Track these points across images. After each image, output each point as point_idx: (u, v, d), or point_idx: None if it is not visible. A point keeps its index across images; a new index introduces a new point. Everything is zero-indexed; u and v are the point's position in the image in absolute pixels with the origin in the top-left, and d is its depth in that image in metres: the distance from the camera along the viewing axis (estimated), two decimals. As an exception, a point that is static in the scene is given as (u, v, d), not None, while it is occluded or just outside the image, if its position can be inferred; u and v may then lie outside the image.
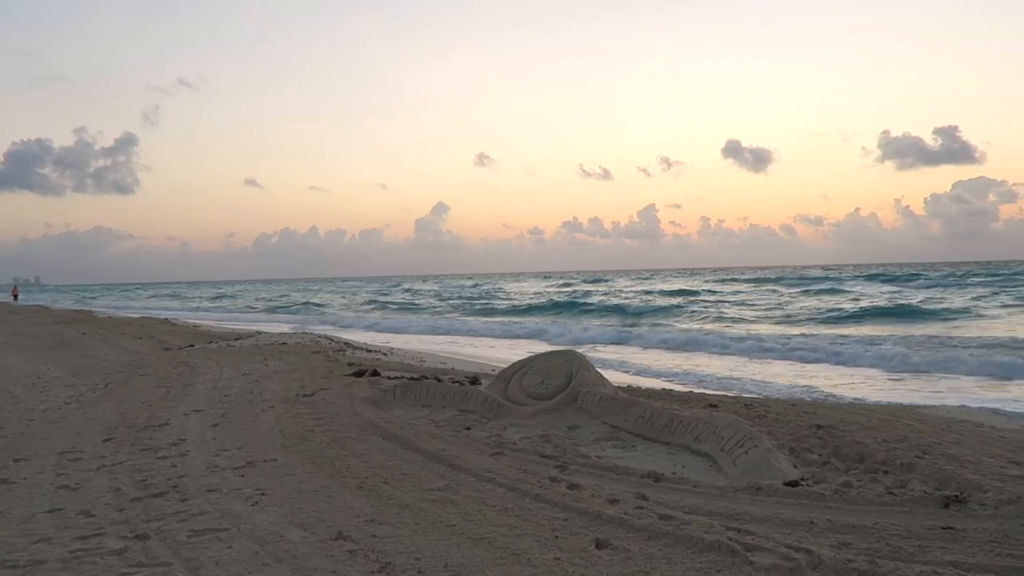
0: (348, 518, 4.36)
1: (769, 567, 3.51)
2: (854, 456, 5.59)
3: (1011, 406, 9.37)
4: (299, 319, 39.62)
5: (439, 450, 5.91)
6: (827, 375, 14.06)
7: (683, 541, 3.83)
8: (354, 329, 31.40)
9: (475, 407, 7.81)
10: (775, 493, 4.73)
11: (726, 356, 17.94)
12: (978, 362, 14.13)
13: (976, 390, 11.53)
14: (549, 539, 3.96)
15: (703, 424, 6.19)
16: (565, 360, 8.15)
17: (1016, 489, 4.56)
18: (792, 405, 8.08)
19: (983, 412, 8.50)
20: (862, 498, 4.62)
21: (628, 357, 17.67)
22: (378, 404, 8.11)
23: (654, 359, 17.39)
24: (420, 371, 11.73)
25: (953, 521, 4.17)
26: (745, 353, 18.07)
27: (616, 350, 19.98)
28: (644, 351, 19.81)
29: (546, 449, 6.04)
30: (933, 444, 5.79)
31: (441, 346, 21.95)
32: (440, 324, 32.42)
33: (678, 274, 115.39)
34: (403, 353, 16.96)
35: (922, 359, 14.92)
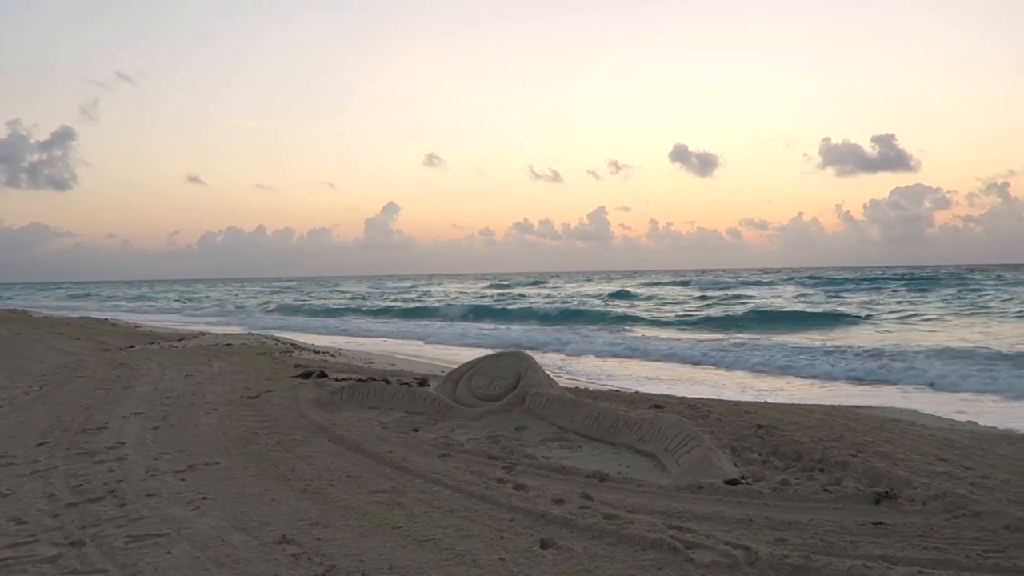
0: (292, 521, 4.32)
1: (709, 564, 3.60)
2: (792, 455, 5.75)
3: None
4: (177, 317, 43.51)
5: (386, 452, 5.90)
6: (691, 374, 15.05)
7: (626, 540, 3.90)
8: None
9: (423, 409, 7.80)
10: (716, 491, 4.85)
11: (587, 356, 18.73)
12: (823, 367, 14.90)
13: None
14: (494, 539, 3.99)
15: (648, 424, 6.29)
16: (513, 361, 8.20)
17: (942, 485, 4.75)
18: (734, 405, 8.27)
19: (914, 412, 8.82)
20: (799, 495, 4.76)
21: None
22: (325, 406, 8.04)
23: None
24: (368, 372, 11.66)
25: (884, 516, 4.33)
26: (618, 355, 18.77)
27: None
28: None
29: (493, 450, 6.07)
30: (867, 443, 5.99)
31: (391, 348, 21.82)
32: (312, 323, 34.46)
33: (625, 276, 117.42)
34: (351, 355, 16.82)
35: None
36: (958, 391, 11.89)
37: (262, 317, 40.75)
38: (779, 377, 14.36)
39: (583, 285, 72.17)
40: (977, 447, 6.08)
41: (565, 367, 15.92)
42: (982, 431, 7.28)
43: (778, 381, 13.76)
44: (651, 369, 15.83)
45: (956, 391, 11.90)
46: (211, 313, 46.40)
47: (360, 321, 36.89)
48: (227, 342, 17.19)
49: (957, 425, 7.80)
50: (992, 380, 12.28)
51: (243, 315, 43.64)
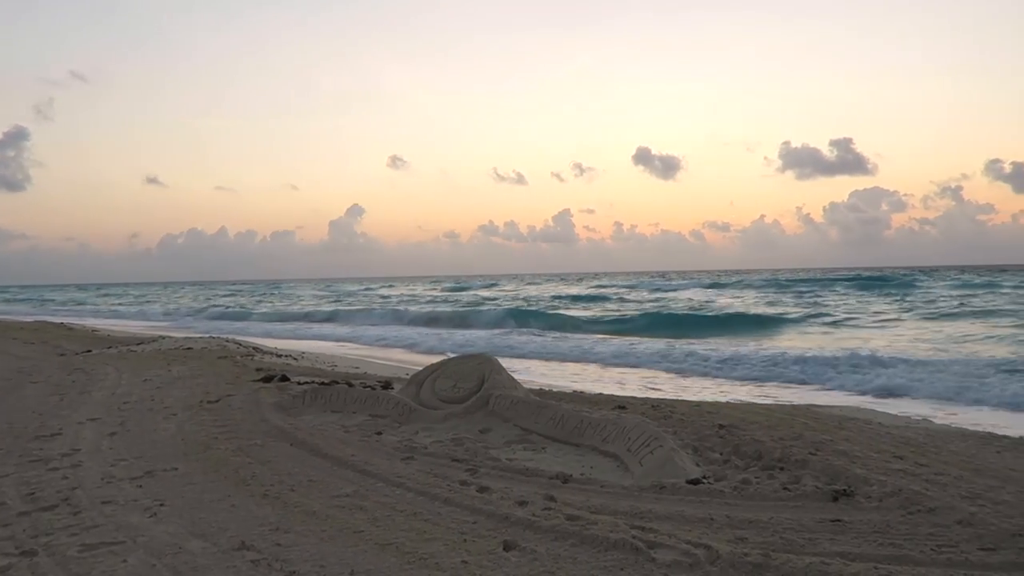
0: (252, 527, 4.26)
1: (670, 563, 3.62)
2: (753, 454, 5.82)
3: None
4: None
5: (348, 456, 5.84)
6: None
7: (589, 541, 3.91)
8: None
9: (386, 411, 7.75)
10: (678, 491, 4.88)
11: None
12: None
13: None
14: (457, 542, 3.97)
15: (611, 425, 6.32)
16: (477, 364, 8.18)
17: (898, 482, 4.85)
18: (696, 406, 8.35)
19: (872, 411, 8.99)
20: (759, 494, 4.82)
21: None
22: (286, 410, 7.94)
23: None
24: (331, 376, 11.55)
25: (841, 514, 4.40)
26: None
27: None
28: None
29: (457, 452, 6.05)
30: (825, 441, 6.08)
31: (356, 351, 21.65)
32: (273, 327, 34.18)
33: (590, 277, 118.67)
34: (314, 358, 16.64)
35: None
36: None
37: (216, 321, 39.98)
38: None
39: (531, 287, 73.50)
40: (931, 444, 6.21)
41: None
42: (937, 429, 7.45)
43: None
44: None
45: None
46: (166, 317, 45.24)
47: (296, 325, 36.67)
48: (187, 346, 16.90)
49: (913, 423, 7.97)
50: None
51: (190, 319, 42.81)
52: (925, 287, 47.22)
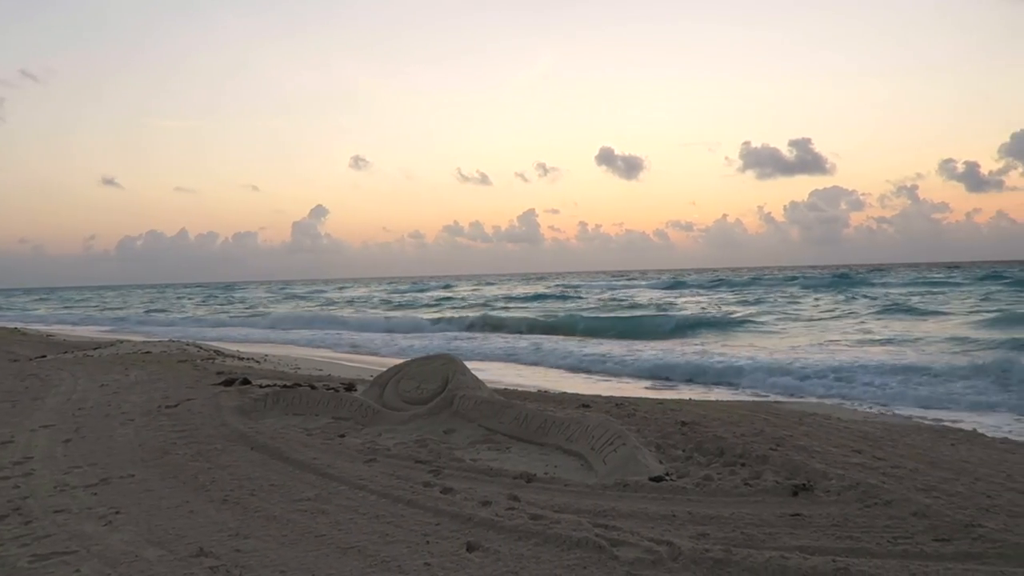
0: (211, 533, 4.18)
1: (633, 561, 3.63)
2: (715, 450, 5.88)
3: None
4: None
5: (310, 459, 5.77)
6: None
7: (552, 540, 3.91)
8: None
9: (350, 414, 7.68)
10: (641, 489, 4.91)
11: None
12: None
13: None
14: (420, 544, 3.94)
15: (575, 424, 6.33)
16: (441, 364, 8.15)
17: (856, 476, 4.93)
18: (659, 403, 8.41)
19: (831, 406, 9.14)
20: (721, 490, 4.86)
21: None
22: (248, 413, 7.82)
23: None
24: (294, 378, 11.41)
25: (801, 508, 4.46)
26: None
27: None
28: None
29: (421, 454, 6.02)
30: (786, 436, 6.16)
31: (322, 353, 21.44)
32: (233, 331, 34.25)
33: (552, 276, 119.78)
34: (277, 360, 16.44)
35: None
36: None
37: (175, 324, 39.20)
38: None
39: (489, 287, 74.01)
40: (888, 438, 6.33)
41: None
42: (894, 422, 7.60)
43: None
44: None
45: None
46: (127, 321, 44.26)
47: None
48: (146, 350, 16.59)
49: (871, 417, 8.12)
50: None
51: (149, 322, 41.95)
52: (882, 285, 48.39)
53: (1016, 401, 9.99)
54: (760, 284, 55.19)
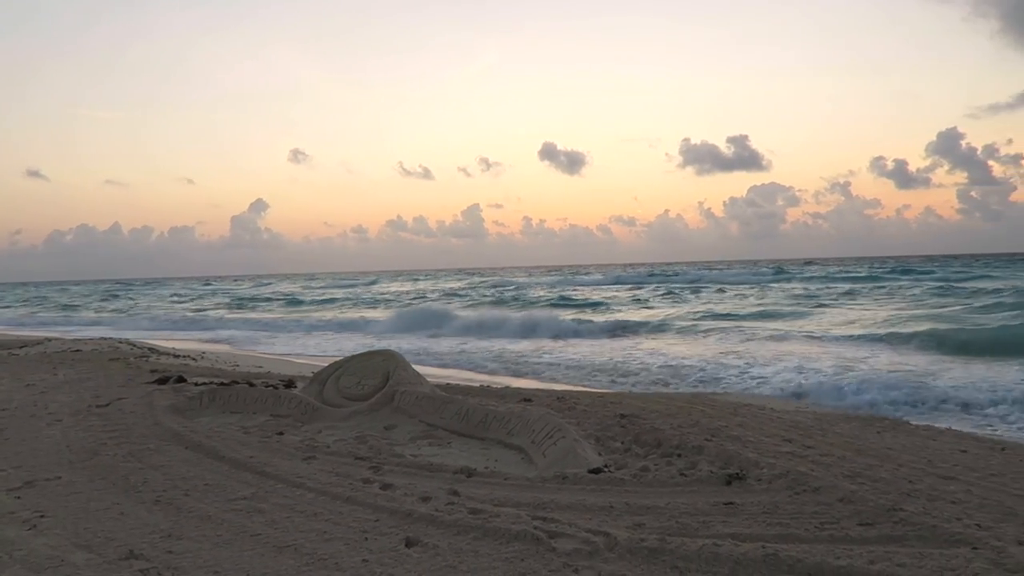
0: (142, 535, 4.08)
1: (570, 552, 3.68)
2: (652, 442, 5.98)
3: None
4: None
5: (247, 457, 5.67)
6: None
7: (491, 533, 3.93)
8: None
9: (289, 411, 7.57)
10: (580, 481, 4.97)
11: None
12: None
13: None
14: (358, 541, 3.92)
15: (516, 418, 6.37)
16: (382, 360, 8.09)
17: (786, 464, 5.08)
18: (600, 397, 8.52)
19: (766, 397, 9.39)
20: (657, 481, 4.96)
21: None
22: (182, 412, 7.64)
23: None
24: (231, 376, 11.19)
25: (734, 497, 4.58)
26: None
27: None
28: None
29: (361, 450, 5.97)
30: (721, 427, 6.31)
31: (263, 349, 21.06)
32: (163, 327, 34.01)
33: (489, 272, 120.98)
34: (215, 358, 16.10)
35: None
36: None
37: (105, 320, 38.04)
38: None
39: (414, 283, 75.11)
40: (818, 427, 6.54)
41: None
42: (824, 412, 7.85)
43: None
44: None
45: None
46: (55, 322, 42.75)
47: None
48: (76, 348, 16.05)
49: (802, 407, 8.37)
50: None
51: (83, 319, 40.46)
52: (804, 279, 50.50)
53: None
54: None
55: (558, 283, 61.68)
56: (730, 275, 60.19)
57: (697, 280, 54.82)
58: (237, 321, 33.06)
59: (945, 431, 6.94)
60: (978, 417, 8.38)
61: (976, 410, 8.68)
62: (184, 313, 39.67)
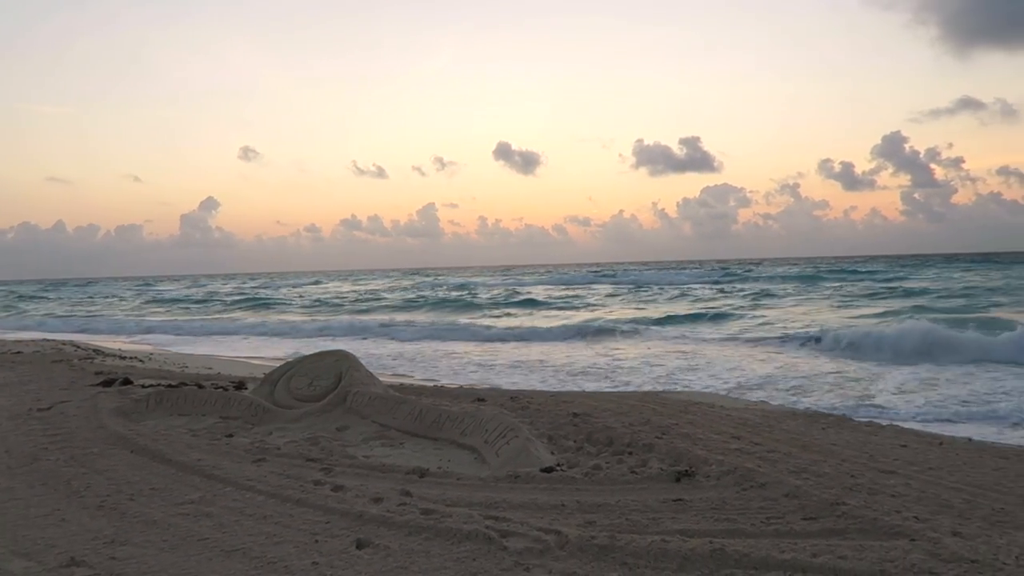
0: (84, 541, 3.98)
1: (522, 550, 3.70)
2: (604, 440, 6.05)
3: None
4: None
5: (195, 460, 5.57)
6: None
7: (443, 534, 3.93)
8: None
9: (238, 413, 7.45)
10: (532, 480, 5.00)
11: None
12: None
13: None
14: (309, 544, 3.89)
15: (469, 418, 6.37)
16: (335, 360, 8.02)
17: (734, 461, 5.18)
18: (553, 396, 8.57)
19: (715, 395, 9.55)
20: (608, 479, 5.01)
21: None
22: (128, 415, 7.47)
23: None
24: (180, 377, 10.97)
25: (683, 493, 4.65)
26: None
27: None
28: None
29: (312, 452, 5.91)
30: (671, 425, 6.41)
31: (211, 351, 20.67)
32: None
33: (448, 272, 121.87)
34: (163, 359, 15.76)
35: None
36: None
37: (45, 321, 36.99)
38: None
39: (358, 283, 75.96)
40: (766, 424, 6.68)
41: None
42: (772, 410, 8.01)
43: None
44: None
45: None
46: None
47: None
48: (16, 350, 15.57)
49: (751, 405, 8.53)
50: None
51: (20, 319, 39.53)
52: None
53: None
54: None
55: (509, 283, 62.86)
56: (684, 276, 62.00)
57: (652, 281, 56.10)
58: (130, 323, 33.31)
59: (886, 427, 7.14)
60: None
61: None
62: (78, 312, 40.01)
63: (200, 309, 43.45)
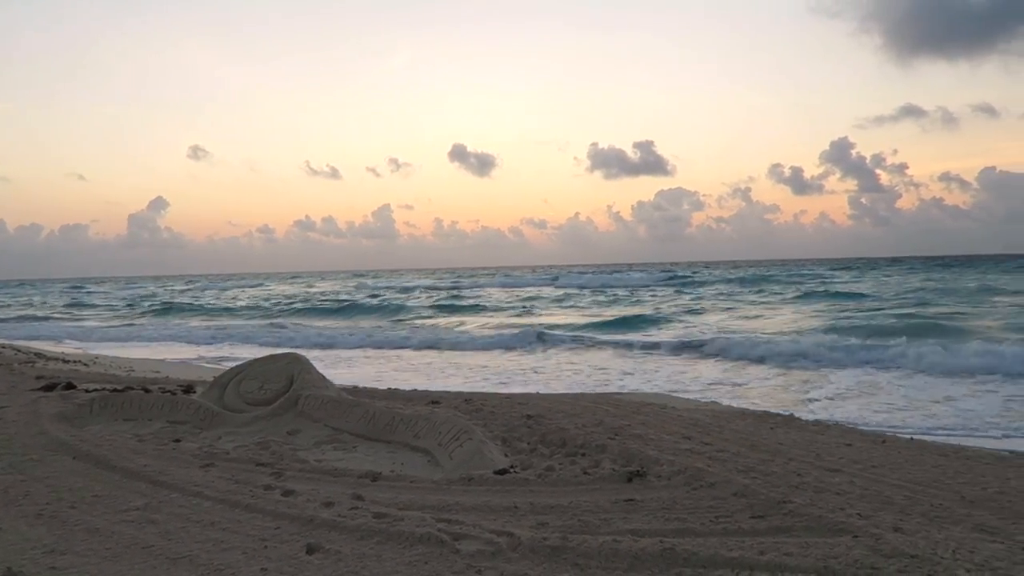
0: (22, 551, 3.85)
1: (474, 553, 3.69)
2: (557, 441, 6.07)
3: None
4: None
5: (140, 466, 5.44)
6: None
7: (395, 537, 3.91)
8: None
9: (187, 417, 7.30)
10: (485, 482, 4.99)
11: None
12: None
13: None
14: (258, 550, 3.82)
15: (423, 421, 6.34)
16: (286, 363, 7.91)
17: (685, 461, 5.25)
18: (507, 398, 8.58)
19: (667, 396, 9.67)
20: (561, 480, 5.03)
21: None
22: (71, 420, 7.26)
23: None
24: (126, 381, 10.71)
25: (635, 494, 4.70)
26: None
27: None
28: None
29: (262, 456, 5.82)
30: (623, 426, 6.46)
31: (159, 354, 20.22)
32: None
33: (404, 274, 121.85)
34: (108, 362, 15.37)
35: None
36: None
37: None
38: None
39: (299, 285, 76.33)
40: (716, 424, 6.78)
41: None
42: (722, 410, 8.14)
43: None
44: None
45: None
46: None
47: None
48: (-48, 353, 15.02)
49: (702, 405, 8.65)
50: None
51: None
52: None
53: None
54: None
55: (450, 286, 63.72)
56: (618, 280, 63.35)
57: (592, 285, 57.63)
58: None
59: (832, 426, 7.32)
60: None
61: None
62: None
63: (110, 315, 43.25)
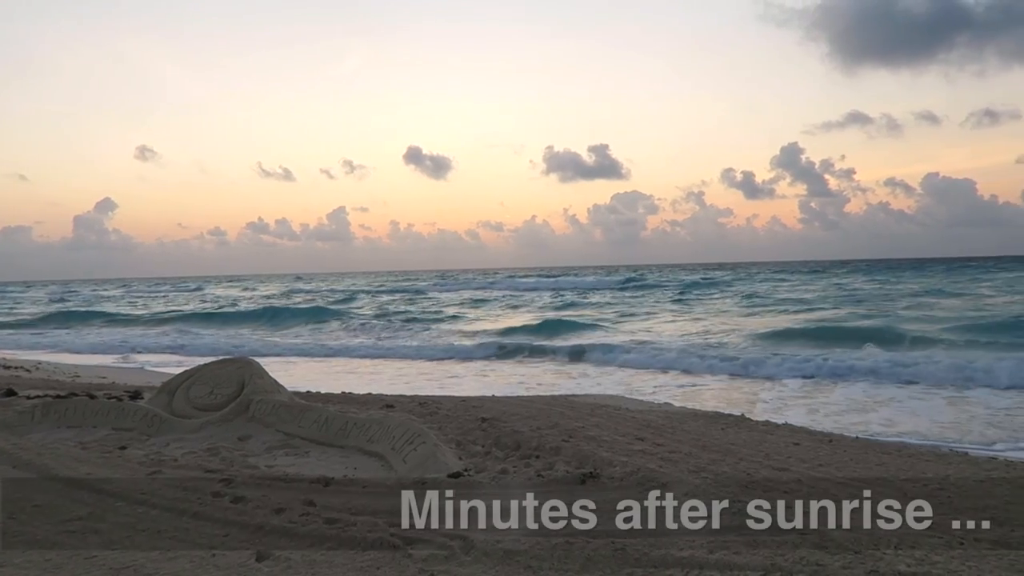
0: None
1: (426, 557, 3.68)
2: (512, 444, 6.08)
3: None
4: None
5: (84, 475, 5.30)
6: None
7: (346, 543, 3.87)
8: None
9: (133, 424, 7.14)
10: (439, 486, 4.97)
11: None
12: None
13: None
14: (205, 558, 3.75)
15: (376, 425, 6.30)
16: (237, 368, 7.78)
17: (638, 462, 5.30)
18: (462, 401, 8.56)
19: (621, 397, 9.76)
20: (515, 482, 5.04)
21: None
22: (11, 428, 7.05)
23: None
24: (70, 387, 10.42)
25: (587, 495, 4.72)
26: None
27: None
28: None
29: (211, 463, 5.72)
30: (578, 428, 6.50)
31: (104, 360, 19.73)
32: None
33: (357, 276, 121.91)
34: (52, 368, 14.94)
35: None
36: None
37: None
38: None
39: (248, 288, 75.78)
40: (668, 425, 6.86)
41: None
42: (675, 411, 8.24)
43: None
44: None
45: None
46: None
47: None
48: None
49: (655, 407, 8.75)
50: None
51: None
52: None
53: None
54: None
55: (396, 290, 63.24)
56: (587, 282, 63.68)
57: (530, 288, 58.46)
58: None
59: (781, 426, 7.46)
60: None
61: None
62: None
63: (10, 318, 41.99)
